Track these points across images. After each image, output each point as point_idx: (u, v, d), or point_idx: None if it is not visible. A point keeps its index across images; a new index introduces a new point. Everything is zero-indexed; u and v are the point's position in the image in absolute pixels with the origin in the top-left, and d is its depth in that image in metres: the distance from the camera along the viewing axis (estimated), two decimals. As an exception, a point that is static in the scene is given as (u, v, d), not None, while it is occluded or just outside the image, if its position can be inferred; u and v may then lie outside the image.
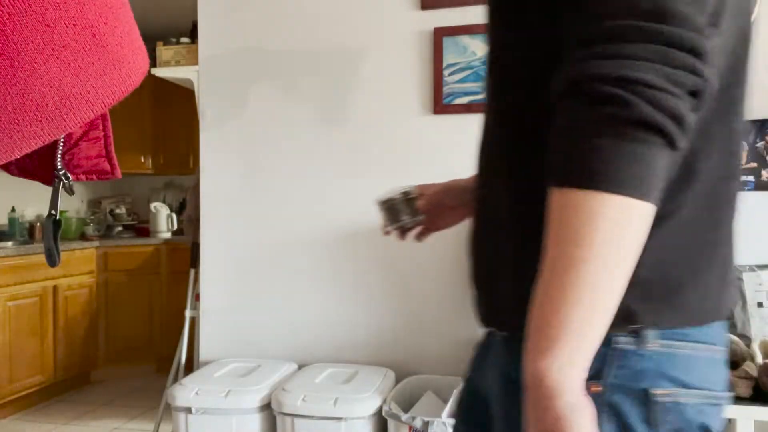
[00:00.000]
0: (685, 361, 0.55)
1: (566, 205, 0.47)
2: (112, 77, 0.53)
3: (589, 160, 0.46)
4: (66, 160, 0.81)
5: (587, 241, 0.45)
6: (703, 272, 0.56)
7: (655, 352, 0.54)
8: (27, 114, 0.49)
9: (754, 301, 1.62)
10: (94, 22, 0.49)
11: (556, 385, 0.46)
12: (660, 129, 0.46)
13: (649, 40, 0.47)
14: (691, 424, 0.54)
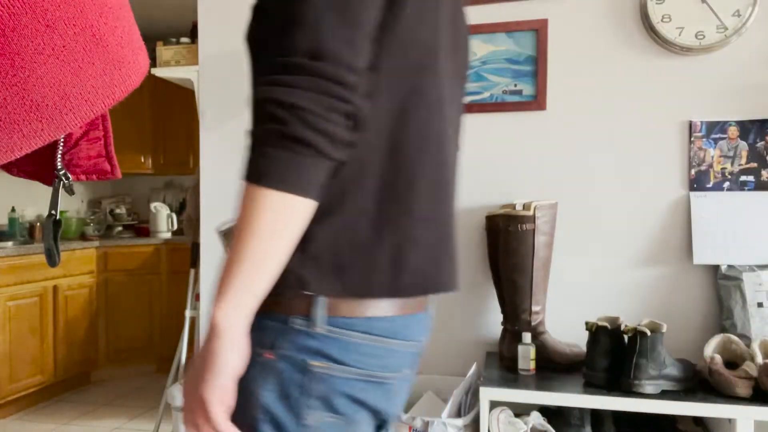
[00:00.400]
0: (344, 345, 0.68)
1: (245, 195, 0.62)
2: (112, 77, 0.53)
3: (259, 163, 0.61)
4: (66, 160, 0.81)
5: (254, 222, 0.61)
6: (369, 254, 0.70)
7: (319, 333, 0.67)
8: (27, 114, 0.49)
9: (754, 301, 1.62)
10: (94, 22, 0.49)
11: (220, 326, 0.63)
12: (309, 143, 0.60)
13: (308, 74, 0.61)
14: (337, 392, 0.68)
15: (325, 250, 0.68)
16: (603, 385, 1.50)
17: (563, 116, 1.85)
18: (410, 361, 0.77)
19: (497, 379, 1.58)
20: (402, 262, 0.71)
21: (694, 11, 1.72)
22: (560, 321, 1.85)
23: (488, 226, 1.78)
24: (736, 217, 1.71)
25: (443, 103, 0.78)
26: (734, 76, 1.73)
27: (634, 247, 1.80)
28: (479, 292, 1.92)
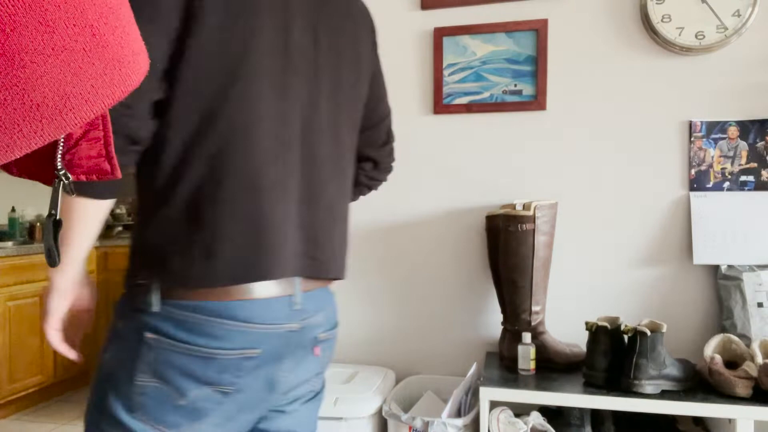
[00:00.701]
0: (176, 323, 0.81)
1: (64, 200, 0.78)
2: (112, 77, 0.53)
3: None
4: (66, 160, 0.81)
5: (72, 215, 0.81)
6: (185, 249, 0.82)
7: (156, 313, 0.82)
8: (27, 114, 0.49)
9: (754, 301, 1.62)
10: (94, 22, 0.49)
11: (53, 281, 0.86)
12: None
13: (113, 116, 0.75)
14: (165, 362, 0.81)
15: (152, 248, 0.84)
16: (603, 385, 1.50)
17: (563, 116, 1.85)
18: (273, 341, 0.87)
19: (497, 379, 1.58)
20: (212, 255, 0.82)
21: (694, 11, 1.72)
22: (560, 321, 1.85)
23: (488, 226, 1.78)
24: (736, 217, 1.71)
25: (271, 104, 0.87)
26: (734, 76, 1.73)
27: (634, 247, 1.80)
28: (479, 292, 1.92)
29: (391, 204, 1.98)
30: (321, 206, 0.94)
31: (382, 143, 1.15)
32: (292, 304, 0.89)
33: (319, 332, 0.95)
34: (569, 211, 1.84)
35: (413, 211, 1.96)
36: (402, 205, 1.97)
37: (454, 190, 1.93)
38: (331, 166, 0.96)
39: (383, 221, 1.99)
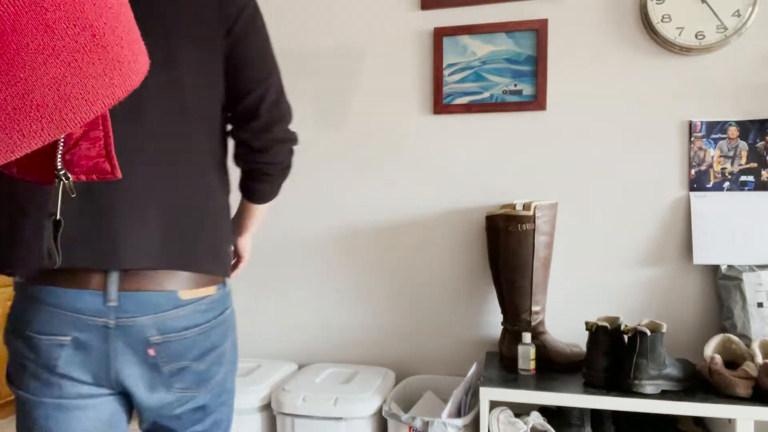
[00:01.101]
0: (14, 301, 0.93)
1: None
2: (112, 77, 0.53)
3: None
4: (66, 160, 0.81)
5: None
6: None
7: (16, 287, 0.93)
8: (27, 114, 0.49)
9: (754, 301, 1.62)
10: (94, 22, 0.49)
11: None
12: None
13: None
14: (8, 332, 0.92)
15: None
16: (603, 385, 1.50)
17: (563, 116, 1.85)
18: (76, 328, 0.91)
19: (497, 379, 1.58)
20: (7, 241, 0.90)
21: (694, 11, 1.72)
22: (560, 321, 1.85)
23: (488, 226, 1.78)
24: (736, 217, 1.71)
25: None
26: (734, 76, 1.73)
27: (634, 247, 1.80)
28: (479, 292, 1.92)
29: (391, 204, 1.98)
30: (122, 201, 0.91)
31: (248, 120, 1.05)
32: (106, 300, 0.91)
33: (151, 335, 0.93)
34: (569, 211, 1.84)
35: (413, 211, 1.96)
36: (402, 205, 1.97)
37: (454, 190, 1.93)
38: (154, 155, 0.91)
39: (383, 221, 1.99)
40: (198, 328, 0.97)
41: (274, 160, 1.09)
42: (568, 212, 1.84)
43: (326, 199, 2.03)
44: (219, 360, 1.01)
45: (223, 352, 1.02)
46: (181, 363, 0.96)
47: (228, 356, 1.04)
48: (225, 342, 1.02)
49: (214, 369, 1.01)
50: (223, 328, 1.02)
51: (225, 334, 1.02)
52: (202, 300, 0.98)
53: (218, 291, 1.01)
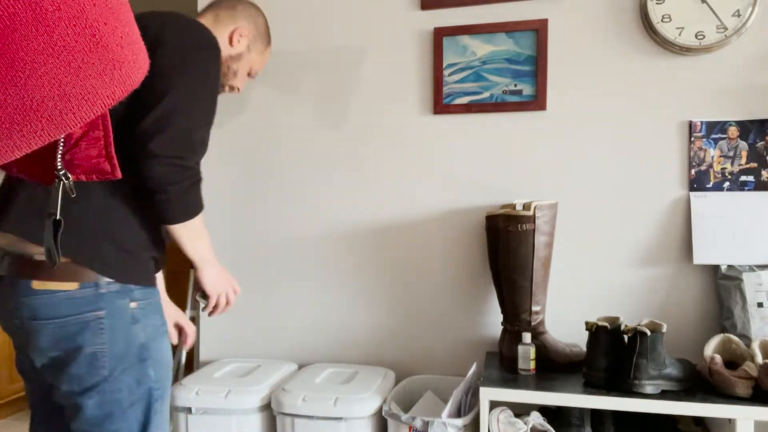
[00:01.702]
0: None
1: None
2: (112, 77, 0.53)
3: None
4: (66, 160, 0.81)
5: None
6: None
7: None
8: (27, 114, 0.49)
9: (754, 301, 1.62)
10: (94, 22, 0.49)
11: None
12: None
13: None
14: None
15: None
16: (603, 385, 1.50)
17: (563, 116, 1.85)
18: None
19: (497, 379, 1.58)
20: None
21: (694, 11, 1.72)
22: (560, 321, 1.85)
23: (488, 226, 1.78)
24: (736, 217, 1.71)
25: None
26: (734, 76, 1.73)
27: (634, 247, 1.80)
28: (479, 292, 1.92)
29: (390, 204, 1.98)
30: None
31: (139, 135, 1.08)
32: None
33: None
34: (569, 211, 1.84)
35: (413, 211, 1.96)
36: (402, 205, 1.97)
37: (454, 190, 1.93)
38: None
39: (383, 221, 1.99)
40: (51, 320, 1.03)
41: (149, 174, 1.08)
42: (568, 212, 1.84)
43: (326, 199, 2.03)
44: (75, 357, 1.04)
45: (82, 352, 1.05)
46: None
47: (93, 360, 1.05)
48: (84, 343, 1.04)
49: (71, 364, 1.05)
50: (78, 327, 1.04)
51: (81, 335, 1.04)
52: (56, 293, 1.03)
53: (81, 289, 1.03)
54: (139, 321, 1.10)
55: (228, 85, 1.45)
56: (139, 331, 1.09)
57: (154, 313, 1.14)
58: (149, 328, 1.12)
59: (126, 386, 1.07)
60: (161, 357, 1.14)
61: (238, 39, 1.39)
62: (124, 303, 1.07)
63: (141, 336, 1.10)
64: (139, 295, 1.11)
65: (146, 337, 1.11)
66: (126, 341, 1.07)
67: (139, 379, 1.09)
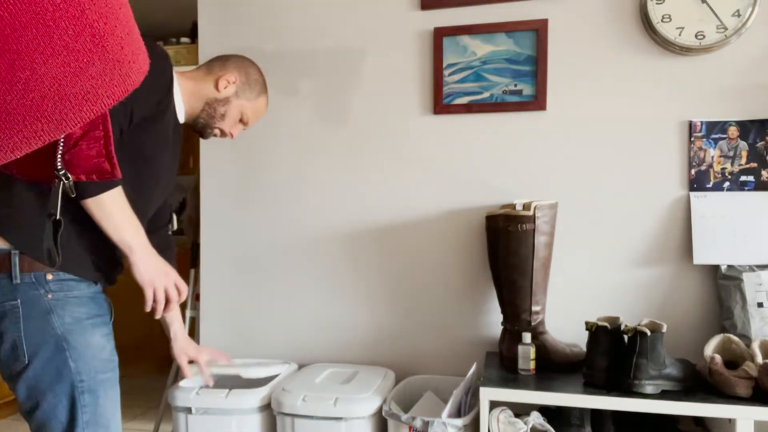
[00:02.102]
0: None
1: None
2: (112, 77, 0.53)
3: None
4: (66, 160, 0.81)
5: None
6: None
7: None
8: (27, 114, 0.49)
9: (754, 301, 1.62)
10: (94, 22, 0.49)
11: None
12: None
13: None
14: None
15: None
16: (603, 385, 1.50)
17: (563, 116, 1.85)
18: None
19: (497, 379, 1.58)
20: None
21: (694, 11, 1.72)
22: (560, 321, 1.85)
23: (488, 226, 1.78)
24: (736, 217, 1.71)
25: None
26: (734, 76, 1.73)
27: (634, 247, 1.80)
28: (479, 292, 1.92)
29: (390, 204, 1.98)
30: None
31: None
32: None
33: None
34: (569, 211, 1.84)
35: (413, 211, 1.96)
36: (402, 205, 1.97)
37: (454, 190, 1.93)
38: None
39: (383, 221, 1.99)
40: None
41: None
42: (568, 212, 1.84)
43: (326, 200, 2.03)
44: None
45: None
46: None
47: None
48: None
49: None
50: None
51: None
52: None
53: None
54: (54, 311, 1.12)
55: (216, 126, 1.52)
56: (55, 322, 1.12)
57: (75, 305, 1.15)
58: (68, 319, 1.13)
59: (47, 376, 1.11)
60: (86, 350, 1.14)
61: (225, 84, 1.48)
62: (38, 294, 1.11)
63: (57, 327, 1.12)
64: (54, 287, 1.13)
65: (64, 329, 1.13)
66: (41, 331, 1.11)
67: (59, 369, 1.12)
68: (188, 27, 3.70)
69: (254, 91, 1.55)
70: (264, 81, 1.59)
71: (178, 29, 4.04)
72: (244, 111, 1.54)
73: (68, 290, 1.15)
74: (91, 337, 1.16)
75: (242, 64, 1.54)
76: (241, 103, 1.52)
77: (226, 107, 1.50)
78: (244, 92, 1.52)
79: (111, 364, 1.20)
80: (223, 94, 1.48)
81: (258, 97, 1.57)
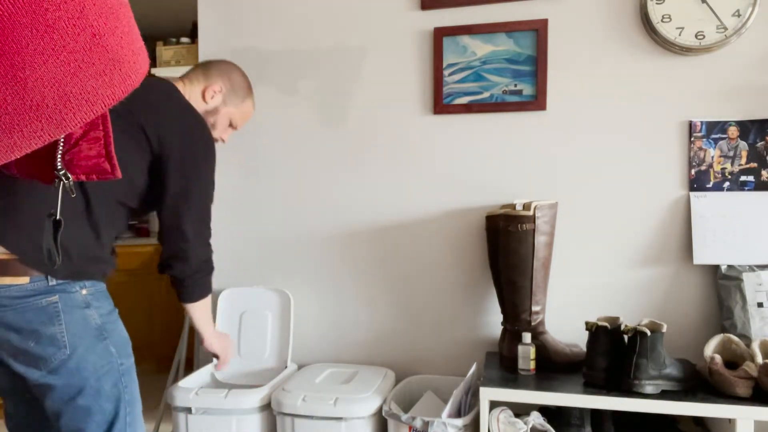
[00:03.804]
0: None
1: None
2: (112, 77, 0.52)
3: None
4: (66, 160, 0.81)
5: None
6: None
7: None
8: (27, 114, 0.49)
9: (754, 301, 1.62)
10: (94, 22, 0.49)
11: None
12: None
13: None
14: None
15: None
16: (603, 385, 1.50)
17: (563, 116, 1.85)
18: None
19: (497, 379, 1.58)
20: None
21: (694, 11, 1.72)
22: (560, 321, 1.85)
23: (488, 226, 1.78)
24: (736, 217, 1.71)
25: None
26: (734, 76, 1.73)
27: (634, 247, 1.80)
28: (479, 292, 1.92)
29: (391, 204, 1.98)
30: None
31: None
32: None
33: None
34: (569, 211, 1.84)
35: (413, 211, 1.96)
36: (402, 205, 1.97)
37: (454, 190, 1.93)
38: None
39: (383, 221, 1.99)
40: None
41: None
42: (568, 212, 1.84)
43: (326, 199, 2.03)
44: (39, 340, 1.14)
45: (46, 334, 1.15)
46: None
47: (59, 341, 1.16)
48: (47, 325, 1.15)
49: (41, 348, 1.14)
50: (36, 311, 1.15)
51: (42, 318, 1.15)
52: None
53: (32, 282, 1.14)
54: (91, 305, 1.20)
55: None
56: (92, 314, 1.20)
57: (103, 299, 1.25)
58: (102, 311, 1.23)
59: (90, 363, 1.18)
60: (120, 336, 1.25)
61: (211, 95, 1.50)
62: (74, 290, 1.18)
63: (96, 318, 1.20)
64: (88, 283, 1.22)
65: (101, 319, 1.21)
66: (81, 323, 1.18)
67: (102, 356, 1.20)
68: (188, 27, 3.71)
69: (240, 96, 1.57)
70: (248, 83, 1.61)
71: (178, 29, 4.04)
72: (233, 117, 1.57)
73: (96, 285, 1.24)
74: (119, 326, 1.27)
75: (225, 70, 1.55)
76: (228, 110, 1.55)
77: (215, 117, 1.53)
78: (230, 99, 1.54)
79: (131, 349, 1.31)
80: (211, 104, 1.51)
81: (244, 101, 1.58)
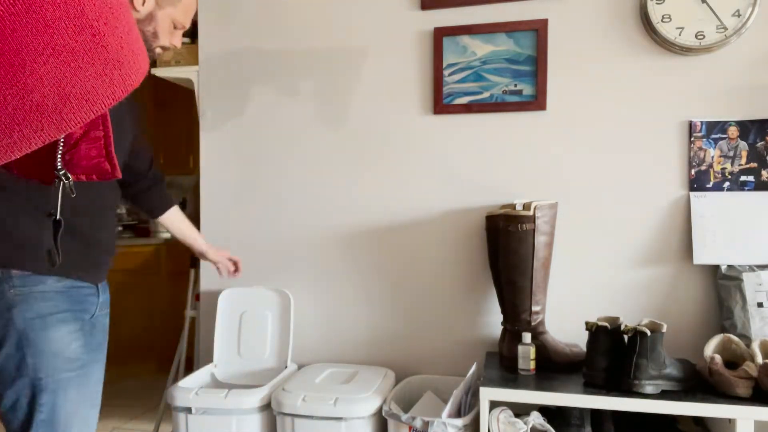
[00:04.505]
0: None
1: None
2: (112, 77, 0.52)
3: None
4: (66, 160, 0.81)
5: None
6: None
7: None
8: (27, 114, 0.49)
9: (754, 301, 1.62)
10: (94, 22, 0.49)
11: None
12: None
13: None
14: None
15: None
16: (603, 385, 1.50)
17: (563, 116, 1.85)
18: None
19: (497, 379, 1.58)
20: None
21: (694, 11, 1.72)
22: (560, 321, 1.85)
23: (488, 226, 1.78)
24: (736, 217, 1.71)
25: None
26: (734, 76, 1.73)
27: (634, 247, 1.80)
28: (479, 292, 1.92)
29: (391, 204, 1.98)
30: None
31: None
32: None
33: None
34: (569, 211, 1.84)
35: (413, 212, 1.96)
36: (402, 205, 1.97)
37: (454, 190, 1.93)
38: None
39: (383, 221, 1.99)
40: None
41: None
42: (568, 212, 1.84)
43: (326, 199, 2.03)
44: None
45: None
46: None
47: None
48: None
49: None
50: None
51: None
52: None
53: None
54: (16, 307, 1.09)
55: (155, 47, 1.35)
56: (15, 317, 1.09)
57: (40, 300, 1.11)
58: (29, 315, 1.10)
59: (8, 372, 1.09)
60: (46, 347, 1.10)
61: (141, 1, 1.27)
62: (1, 290, 1.09)
63: (19, 323, 1.09)
64: (18, 282, 1.10)
65: (25, 324, 1.09)
66: (3, 327, 1.09)
67: (18, 366, 1.09)
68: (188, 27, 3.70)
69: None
70: None
71: (178, 29, 4.03)
72: (175, 17, 1.36)
73: (33, 285, 1.11)
74: (54, 333, 1.11)
75: None
76: (166, 11, 1.33)
77: (153, 24, 1.31)
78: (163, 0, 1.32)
79: (77, 362, 1.15)
80: (143, 12, 1.28)
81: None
